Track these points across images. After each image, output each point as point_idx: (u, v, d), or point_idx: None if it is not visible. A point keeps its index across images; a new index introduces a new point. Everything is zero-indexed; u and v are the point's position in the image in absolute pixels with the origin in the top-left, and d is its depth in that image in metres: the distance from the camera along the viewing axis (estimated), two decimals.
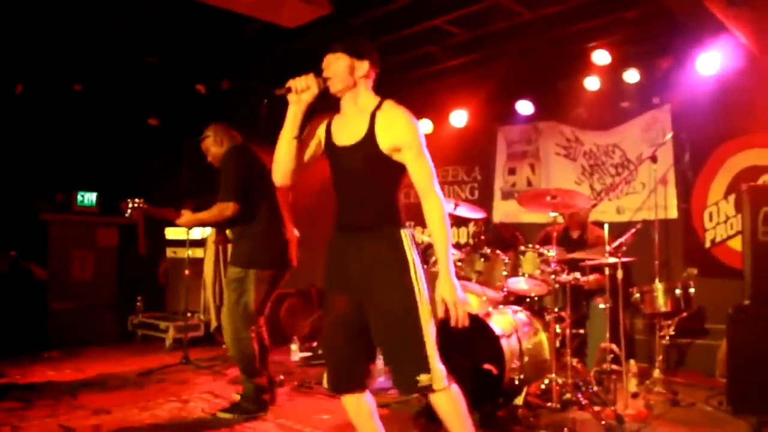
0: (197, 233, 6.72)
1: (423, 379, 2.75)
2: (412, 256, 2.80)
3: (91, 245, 7.46)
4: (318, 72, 2.87)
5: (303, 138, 2.97)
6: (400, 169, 2.84)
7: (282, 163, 2.96)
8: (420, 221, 2.85)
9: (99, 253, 7.51)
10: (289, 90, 2.86)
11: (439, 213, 2.79)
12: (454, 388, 2.85)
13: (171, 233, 7.55)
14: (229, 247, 4.95)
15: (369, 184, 2.86)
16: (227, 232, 4.63)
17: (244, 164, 4.43)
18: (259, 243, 4.40)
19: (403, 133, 2.79)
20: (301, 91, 2.85)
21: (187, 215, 4.49)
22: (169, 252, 7.35)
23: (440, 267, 2.78)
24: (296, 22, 5.46)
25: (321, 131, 3.01)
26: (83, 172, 7.53)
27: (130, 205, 4.58)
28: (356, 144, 2.84)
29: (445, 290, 2.74)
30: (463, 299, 2.75)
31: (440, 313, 2.77)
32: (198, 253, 6.87)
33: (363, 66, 2.89)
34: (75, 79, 6.93)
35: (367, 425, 3.01)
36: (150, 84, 7.21)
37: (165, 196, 5.30)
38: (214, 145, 4.65)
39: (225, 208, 4.31)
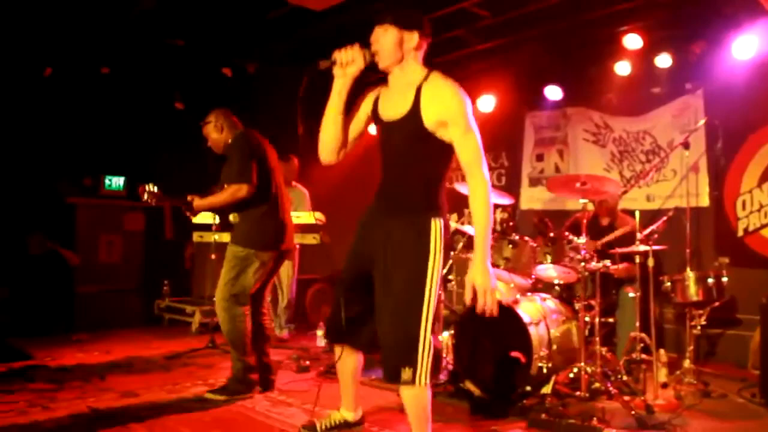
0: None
1: (407, 372, 2.71)
2: (437, 248, 2.74)
3: (118, 229, 7.52)
4: (364, 44, 2.78)
5: (350, 113, 2.91)
6: (446, 151, 2.75)
7: (328, 140, 2.89)
8: (454, 208, 2.79)
9: (126, 237, 7.57)
10: (334, 62, 2.77)
11: (484, 195, 2.70)
12: (428, 390, 2.83)
13: (198, 218, 7.55)
14: None
15: (411, 162, 2.79)
16: (231, 216, 4.62)
17: (250, 148, 4.46)
18: (261, 225, 4.44)
19: (449, 107, 2.70)
20: (347, 64, 2.76)
21: (196, 200, 4.51)
22: (196, 236, 7.32)
23: (475, 251, 2.70)
24: (323, 5, 5.43)
25: (368, 105, 2.94)
26: (110, 156, 7.57)
27: (148, 189, 4.60)
28: (401, 119, 2.76)
29: (477, 276, 2.65)
30: (495, 287, 2.67)
31: (468, 299, 2.71)
32: (225, 237, 6.86)
33: (412, 38, 2.79)
34: (102, 63, 6.95)
35: (346, 380, 3.25)
36: (177, 67, 7.21)
37: (191, 180, 5.29)
38: (214, 131, 4.67)
39: (238, 190, 4.33)
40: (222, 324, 4.44)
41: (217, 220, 6.39)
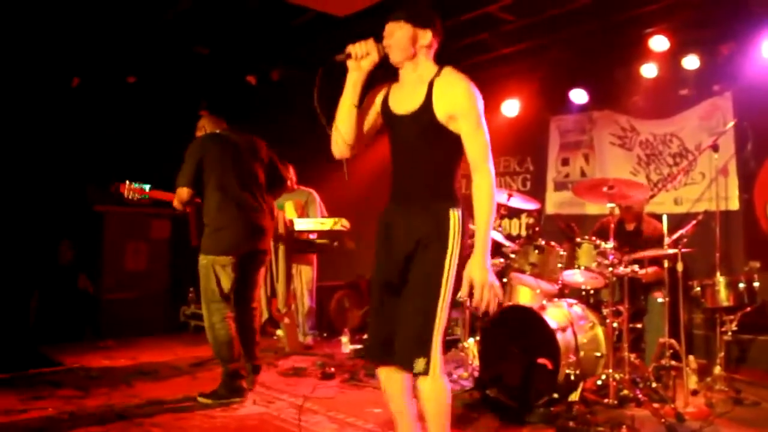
0: None
1: (420, 363, 2.66)
2: (455, 239, 2.73)
3: (144, 237, 7.57)
4: (378, 39, 2.79)
5: (362, 107, 2.90)
6: (458, 144, 2.75)
7: (341, 134, 2.89)
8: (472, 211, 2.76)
9: (152, 244, 7.61)
10: (348, 56, 2.79)
11: (488, 190, 2.71)
12: (447, 384, 2.77)
13: None
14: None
15: (424, 155, 2.79)
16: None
17: (199, 150, 4.58)
18: (216, 231, 4.53)
19: (460, 101, 2.71)
20: (361, 57, 2.78)
21: (157, 192, 4.73)
22: None
23: (476, 246, 2.70)
24: (347, 11, 5.44)
25: (379, 100, 2.94)
26: (137, 164, 7.62)
27: (128, 186, 4.71)
28: (413, 113, 2.76)
29: (475, 270, 2.66)
30: (492, 283, 2.66)
31: (464, 293, 2.69)
32: None
33: (426, 35, 2.80)
34: (129, 72, 7.03)
35: (396, 400, 2.92)
36: (202, 75, 7.27)
37: None
38: (198, 130, 4.88)
39: (180, 193, 4.50)
40: (207, 335, 4.57)
41: None
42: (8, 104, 6.59)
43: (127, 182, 4.72)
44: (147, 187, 4.76)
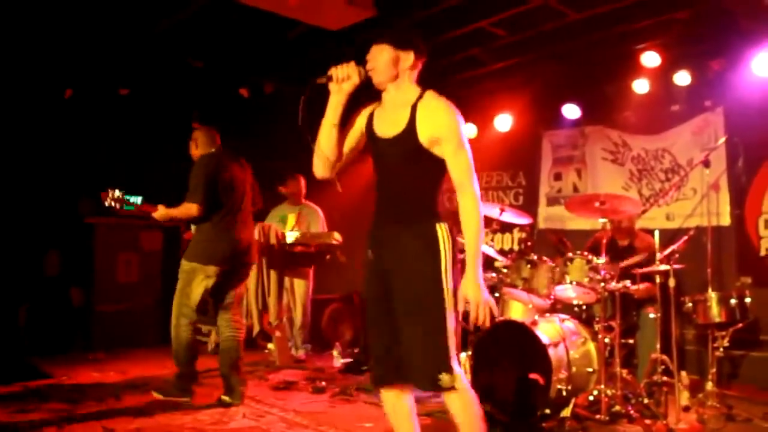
0: None
1: (444, 378, 2.68)
2: (446, 251, 2.76)
3: (136, 248, 7.54)
4: (360, 62, 2.82)
5: (344, 129, 2.94)
6: (440, 166, 2.78)
7: (322, 155, 2.93)
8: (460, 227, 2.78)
9: (144, 256, 7.59)
10: (330, 78, 2.82)
11: (474, 210, 2.75)
12: (472, 391, 2.80)
13: None
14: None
15: (408, 177, 2.82)
16: (192, 227, 4.99)
17: (208, 171, 4.77)
18: (209, 241, 4.74)
19: (442, 125, 2.75)
20: (342, 80, 2.81)
21: (161, 210, 4.78)
22: None
23: (467, 265, 2.72)
24: (340, 25, 5.45)
25: (362, 122, 2.97)
26: (128, 175, 7.60)
27: (111, 195, 4.76)
28: (396, 136, 2.80)
29: (469, 289, 2.68)
30: (487, 300, 2.68)
31: (459, 310, 2.74)
32: None
33: (408, 57, 2.83)
34: (121, 84, 7.03)
35: (403, 425, 2.96)
36: (194, 88, 7.27)
37: None
38: (192, 146, 5.05)
39: (189, 209, 4.69)
40: (172, 333, 4.76)
41: None
42: (1, 114, 6.58)
43: (110, 191, 4.76)
44: (139, 199, 4.79)
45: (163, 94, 7.31)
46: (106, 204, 4.72)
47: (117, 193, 4.72)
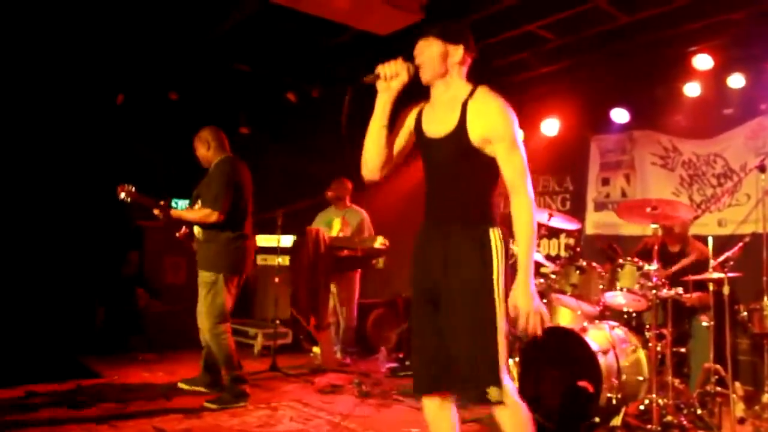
0: (287, 241, 6.77)
1: (493, 392, 2.55)
2: (498, 257, 2.63)
3: (183, 251, 7.61)
4: (408, 59, 2.73)
5: (393, 129, 2.84)
6: (493, 166, 2.66)
7: (371, 156, 2.83)
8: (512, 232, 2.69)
9: (191, 258, 7.66)
10: (377, 77, 2.74)
11: (528, 213, 2.62)
12: (523, 405, 2.65)
13: (261, 240, 7.65)
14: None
15: (460, 178, 2.70)
16: (196, 232, 4.94)
17: (232, 176, 4.81)
18: (228, 250, 4.80)
19: (495, 124, 2.62)
20: (391, 77, 2.72)
21: (173, 210, 4.86)
22: (259, 259, 7.41)
23: (519, 272, 2.60)
24: (388, 29, 5.46)
25: (411, 121, 2.87)
26: (177, 179, 7.73)
27: (126, 189, 4.89)
28: (447, 136, 2.68)
29: (520, 298, 2.57)
30: (538, 309, 2.57)
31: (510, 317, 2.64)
32: (287, 261, 6.92)
33: (457, 52, 2.72)
34: (171, 88, 7.16)
35: None
36: (242, 92, 7.36)
37: (256, 204, 5.35)
38: (202, 146, 5.04)
39: (209, 215, 4.69)
40: (211, 346, 4.84)
41: (282, 243, 6.44)
42: (62, 120, 6.77)
43: (126, 186, 4.87)
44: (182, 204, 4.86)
45: (211, 98, 7.41)
46: (122, 197, 4.85)
47: (131, 187, 4.88)
